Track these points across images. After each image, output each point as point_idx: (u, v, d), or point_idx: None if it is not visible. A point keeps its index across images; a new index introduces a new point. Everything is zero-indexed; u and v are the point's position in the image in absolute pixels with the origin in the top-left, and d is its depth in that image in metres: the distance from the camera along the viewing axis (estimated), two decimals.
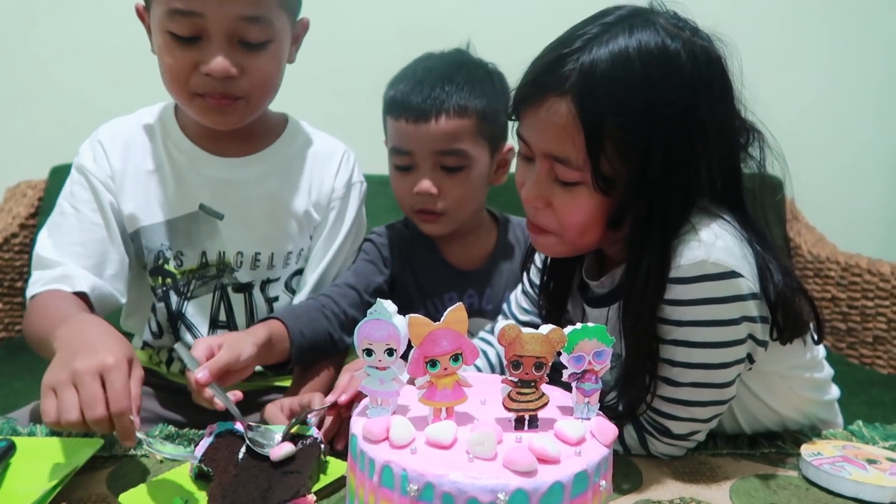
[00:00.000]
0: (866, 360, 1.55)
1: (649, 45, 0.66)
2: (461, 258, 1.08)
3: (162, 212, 0.96)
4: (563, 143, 0.69)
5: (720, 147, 0.70)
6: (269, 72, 0.89)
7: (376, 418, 0.52)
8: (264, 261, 0.99)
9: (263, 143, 0.99)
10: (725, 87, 0.71)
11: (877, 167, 2.04)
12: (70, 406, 0.60)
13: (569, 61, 0.68)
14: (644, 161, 0.66)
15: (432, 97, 0.95)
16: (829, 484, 0.69)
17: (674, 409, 0.72)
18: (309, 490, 0.61)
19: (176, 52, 0.85)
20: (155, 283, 0.98)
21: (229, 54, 0.84)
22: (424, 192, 0.98)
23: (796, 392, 0.81)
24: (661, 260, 0.68)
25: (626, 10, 0.70)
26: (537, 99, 0.70)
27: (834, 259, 1.63)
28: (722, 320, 0.68)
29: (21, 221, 1.70)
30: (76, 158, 0.97)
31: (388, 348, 0.53)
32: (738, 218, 0.72)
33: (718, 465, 0.74)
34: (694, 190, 0.69)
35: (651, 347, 0.70)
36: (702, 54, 0.68)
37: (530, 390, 0.52)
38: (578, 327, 0.54)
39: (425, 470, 0.47)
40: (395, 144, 1.00)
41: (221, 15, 0.82)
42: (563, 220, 0.73)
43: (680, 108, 0.66)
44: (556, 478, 0.47)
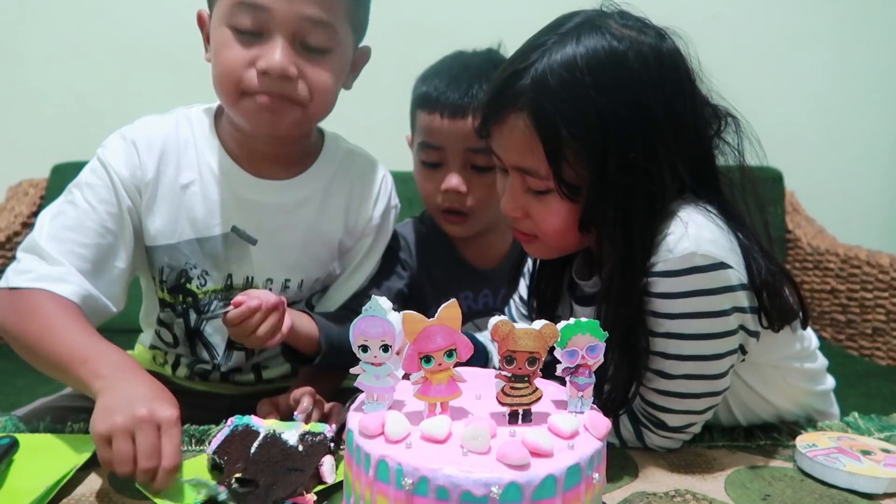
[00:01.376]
0: (865, 352, 1.56)
1: (596, 50, 0.67)
2: (478, 257, 1.08)
3: (191, 230, 0.91)
4: (526, 156, 0.71)
5: (683, 142, 0.70)
6: (327, 82, 0.85)
7: (372, 413, 0.53)
8: (293, 287, 0.96)
9: (303, 165, 0.95)
10: (679, 82, 0.70)
11: (877, 160, 2.04)
12: (124, 458, 0.61)
13: (524, 76, 0.69)
14: (602, 166, 0.68)
15: (470, 94, 0.96)
16: (824, 475, 0.70)
17: (668, 401, 0.73)
18: (310, 489, 0.61)
19: (235, 46, 0.82)
20: (174, 300, 0.95)
21: (289, 54, 0.81)
22: (453, 189, 0.98)
23: (790, 383, 0.81)
24: (626, 259, 0.69)
25: (580, 18, 0.71)
26: (499, 117, 0.72)
27: (833, 251, 1.64)
28: (712, 311, 0.69)
29: (23, 220, 1.71)
30: (100, 151, 0.89)
31: (384, 344, 0.53)
32: (718, 207, 0.72)
33: (714, 457, 0.75)
34: (659, 189, 0.69)
35: (628, 344, 0.70)
36: (650, 52, 0.68)
37: (524, 385, 0.53)
38: (572, 322, 0.55)
39: (420, 464, 0.48)
40: (425, 139, 1.00)
41: (288, 11, 0.80)
42: (540, 226, 0.75)
43: (631, 111, 0.67)
44: (549, 471, 0.48)
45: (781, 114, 1.98)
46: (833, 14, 1.97)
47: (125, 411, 0.62)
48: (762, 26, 1.96)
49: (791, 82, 1.99)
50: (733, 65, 1.95)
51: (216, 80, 0.85)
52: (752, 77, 1.96)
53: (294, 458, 0.64)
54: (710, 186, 0.74)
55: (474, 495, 0.47)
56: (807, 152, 1.98)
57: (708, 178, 0.74)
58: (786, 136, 1.97)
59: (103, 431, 0.61)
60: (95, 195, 0.86)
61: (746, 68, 1.95)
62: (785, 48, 1.98)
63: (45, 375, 0.79)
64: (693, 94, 0.72)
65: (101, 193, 0.86)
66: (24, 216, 1.72)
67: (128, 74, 1.89)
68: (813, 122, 2.01)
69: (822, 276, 1.66)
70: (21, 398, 1.18)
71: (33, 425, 0.78)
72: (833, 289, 1.63)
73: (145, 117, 0.94)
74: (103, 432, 0.61)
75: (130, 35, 1.88)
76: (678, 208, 0.70)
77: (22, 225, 1.70)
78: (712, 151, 0.75)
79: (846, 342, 1.61)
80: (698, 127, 0.73)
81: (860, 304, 1.57)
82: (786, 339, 0.76)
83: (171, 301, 0.95)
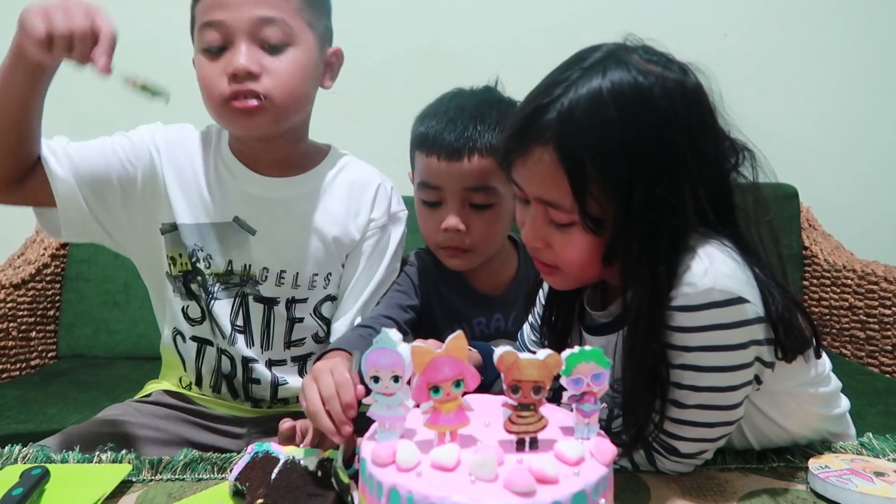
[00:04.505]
0: (886, 369, 1.54)
1: (622, 85, 0.67)
2: (487, 284, 1.11)
3: (198, 214, 1.02)
4: (551, 189, 0.71)
5: (706, 177, 0.70)
6: (289, 74, 0.95)
7: (384, 442, 0.55)
8: (289, 279, 1.04)
9: (303, 168, 1.06)
10: (703, 117, 0.71)
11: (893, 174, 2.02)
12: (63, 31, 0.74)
13: (549, 110, 0.69)
14: (627, 200, 0.68)
15: (465, 136, 0.98)
16: (836, 496, 0.70)
17: (681, 429, 0.73)
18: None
19: (209, 64, 0.94)
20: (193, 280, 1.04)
21: (250, 53, 0.92)
22: (452, 228, 1.01)
23: (805, 409, 0.81)
24: (652, 294, 0.69)
25: (602, 52, 0.71)
26: (523, 150, 0.72)
27: (851, 267, 1.63)
28: (730, 345, 0.69)
29: (52, 252, 1.76)
30: (143, 127, 1.05)
31: (394, 375, 0.55)
32: (735, 241, 0.72)
33: (727, 480, 0.75)
34: (682, 224, 0.69)
35: (652, 376, 0.70)
36: (675, 88, 0.68)
37: (529, 413, 0.54)
38: (576, 351, 0.56)
39: (429, 492, 0.49)
40: (424, 179, 1.03)
41: (241, 17, 0.92)
42: (562, 258, 0.75)
43: (657, 146, 0.67)
44: (555, 498, 0.49)
45: (795, 130, 1.98)
46: (845, 29, 1.97)
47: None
48: (773, 43, 1.97)
49: (804, 98, 1.99)
50: (745, 83, 1.97)
51: (204, 100, 0.98)
52: (764, 94, 1.97)
53: (314, 483, 0.66)
54: (727, 220, 0.74)
55: None
56: (822, 168, 1.97)
57: (726, 212, 0.75)
58: (800, 152, 1.97)
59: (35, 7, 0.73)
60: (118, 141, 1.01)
61: (758, 86, 1.96)
62: (797, 64, 1.98)
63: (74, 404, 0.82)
64: (714, 128, 0.72)
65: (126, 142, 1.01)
66: (53, 248, 1.77)
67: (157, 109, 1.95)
68: (828, 138, 2.00)
69: (839, 292, 1.65)
70: (52, 426, 1.22)
71: (63, 455, 0.81)
72: (851, 305, 1.61)
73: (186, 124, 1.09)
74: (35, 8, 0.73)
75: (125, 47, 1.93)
76: (696, 243, 0.70)
77: (51, 257, 1.75)
78: (731, 185, 0.75)
79: (867, 359, 1.59)
80: (719, 161, 0.73)
81: (879, 321, 1.55)
82: (800, 367, 0.76)
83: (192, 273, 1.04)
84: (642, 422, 0.72)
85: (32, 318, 1.68)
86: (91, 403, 1.32)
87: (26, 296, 1.67)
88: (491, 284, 1.11)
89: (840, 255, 1.70)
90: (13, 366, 1.65)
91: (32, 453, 0.81)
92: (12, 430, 1.27)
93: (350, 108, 1.79)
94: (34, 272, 1.70)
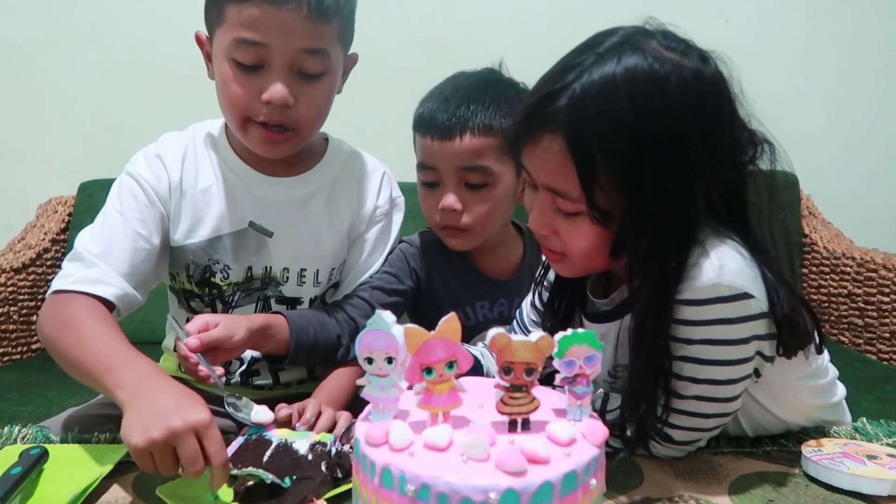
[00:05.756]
0: (884, 356, 1.55)
1: (636, 72, 0.65)
2: (492, 268, 1.11)
3: (212, 228, 0.99)
4: (559, 178, 0.69)
5: (719, 172, 0.68)
6: (321, 103, 0.94)
7: (377, 423, 0.55)
8: (310, 277, 1.03)
9: (308, 164, 1.04)
10: (720, 109, 0.68)
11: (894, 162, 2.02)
12: (169, 467, 0.64)
13: (560, 97, 0.67)
14: (637, 194, 0.66)
15: (457, 115, 0.98)
16: (828, 478, 0.70)
17: (677, 419, 0.73)
18: (320, 496, 0.64)
19: (239, 79, 0.89)
20: (202, 293, 1.02)
21: (288, 83, 0.88)
22: (449, 207, 1.01)
23: (801, 400, 0.81)
24: (660, 289, 0.67)
25: (619, 37, 0.68)
26: (533, 137, 0.70)
27: (850, 255, 1.63)
28: (732, 340, 0.69)
29: (53, 237, 1.77)
30: (128, 167, 0.99)
31: (388, 357, 0.56)
32: (743, 237, 0.71)
33: (720, 464, 0.76)
34: (692, 219, 0.67)
35: (657, 368, 0.70)
36: (692, 77, 0.65)
37: (521, 394, 0.55)
38: (569, 333, 0.56)
39: (422, 471, 0.50)
40: (421, 160, 1.04)
41: (285, 46, 0.87)
42: (568, 246, 0.74)
43: (669, 138, 0.64)
44: (546, 477, 0.49)
45: (797, 118, 1.97)
46: (847, 17, 1.97)
47: (160, 425, 0.63)
48: (775, 31, 1.96)
49: (807, 86, 1.99)
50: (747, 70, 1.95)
51: (223, 107, 0.94)
52: (766, 82, 1.94)
53: (304, 466, 0.67)
54: (738, 216, 0.73)
55: (473, 501, 0.48)
56: (823, 156, 1.97)
57: (738, 208, 0.73)
58: (802, 141, 1.95)
59: (142, 446, 0.63)
60: (126, 205, 0.96)
61: (760, 73, 1.94)
62: (799, 52, 1.98)
63: (74, 387, 0.83)
64: (732, 121, 0.69)
65: (131, 203, 0.96)
66: (54, 233, 1.78)
67: (151, 96, 1.96)
68: (829, 126, 2.00)
69: (838, 280, 1.65)
70: (52, 408, 1.24)
71: (63, 436, 0.82)
72: (850, 293, 1.61)
73: (166, 134, 1.04)
74: (142, 447, 0.63)
75: (152, 58, 1.95)
76: (705, 237, 0.69)
77: (51, 241, 1.76)
78: (745, 180, 0.72)
79: (864, 346, 1.59)
80: (735, 155, 0.70)
81: (877, 308, 1.55)
82: (800, 362, 0.76)
83: (199, 293, 1.02)
84: (646, 414, 0.71)
85: (33, 301, 1.69)
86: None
87: (27, 280, 1.67)
88: (497, 269, 1.11)
89: (839, 243, 1.71)
90: (14, 349, 1.66)
91: (32, 434, 0.82)
92: (13, 412, 1.28)
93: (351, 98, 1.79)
94: (34, 257, 1.71)
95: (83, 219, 1.78)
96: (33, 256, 1.70)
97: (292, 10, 0.85)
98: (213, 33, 0.92)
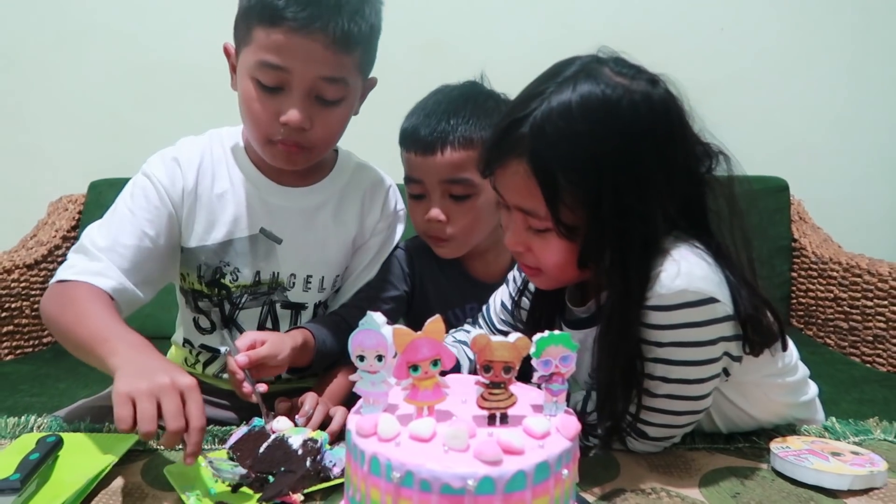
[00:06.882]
0: (867, 359, 1.58)
1: (590, 98, 0.70)
2: (482, 272, 1.15)
3: (226, 231, 1.03)
4: (526, 198, 0.75)
5: (674, 185, 0.73)
6: (336, 127, 0.99)
7: (368, 415, 0.60)
8: (315, 283, 1.08)
9: (319, 176, 1.08)
10: (670, 127, 0.73)
11: (885, 168, 2.05)
12: (149, 417, 0.65)
13: (523, 124, 0.73)
14: (597, 209, 0.71)
15: (438, 130, 1.02)
16: (793, 473, 0.74)
17: (651, 416, 0.78)
18: (297, 490, 0.68)
19: (261, 99, 0.93)
20: (211, 293, 1.06)
21: (305, 108, 0.92)
22: (434, 218, 1.06)
23: (771, 397, 0.85)
24: (624, 297, 0.72)
25: (576, 66, 0.74)
26: (501, 162, 0.76)
27: (837, 259, 1.67)
28: (700, 342, 0.73)
29: (63, 234, 1.82)
30: (144, 167, 1.02)
31: (378, 354, 0.60)
32: (707, 243, 0.76)
33: (693, 459, 0.80)
34: (652, 231, 0.72)
35: (625, 369, 0.74)
36: (642, 100, 0.71)
37: (500, 391, 0.59)
38: (545, 335, 0.61)
39: (406, 460, 0.54)
40: (407, 174, 1.09)
41: (306, 73, 0.91)
42: (541, 261, 0.79)
43: (625, 157, 0.70)
44: (520, 467, 0.54)
45: (790, 124, 2.01)
46: (839, 24, 2.00)
47: (147, 377, 0.67)
48: (768, 38, 1.99)
49: (798, 93, 2.02)
50: (740, 77, 2.00)
51: (246, 123, 0.98)
52: (759, 88, 2.00)
53: (293, 460, 0.71)
54: (700, 224, 0.78)
55: (452, 487, 0.53)
56: (815, 161, 2.01)
57: (698, 217, 0.78)
58: (794, 146, 2.00)
59: (125, 391, 0.66)
60: (137, 204, 0.99)
61: (753, 80, 1.99)
62: (792, 59, 2.01)
63: (84, 379, 0.87)
64: (684, 137, 0.75)
65: (142, 203, 0.99)
66: (64, 230, 1.83)
67: (160, 97, 2.00)
68: (821, 132, 2.03)
69: (825, 284, 1.69)
70: (63, 400, 1.28)
71: (75, 425, 0.87)
72: (836, 297, 1.65)
73: (184, 139, 1.07)
74: (125, 392, 0.66)
75: (161, 59, 1.99)
76: (670, 246, 0.74)
77: (62, 238, 1.81)
78: (703, 190, 0.77)
79: (849, 349, 1.63)
80: (690, 167, 0.76)
81: (861, 312, 1.59)
82: (766, 360, 0.80)
83: (208, 293, 1.07)
84: (619, 414, 0.76)
85: None
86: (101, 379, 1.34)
87: (39, 276, 1.73)
88: (486, 273, 1.15)
89: (827, 248, 1.74)
90: (27, 342, 1.71)
91: (47, 423, 0.87)
92: (27, 403, 1.33)
93: None
94: (46, 253, 1.76)
95: (93, 216, 1.78)
96: (45, 253, 1.75)
97: (317, 39, 0.88)
98: (240, 50, 0.95)
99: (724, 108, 1.90)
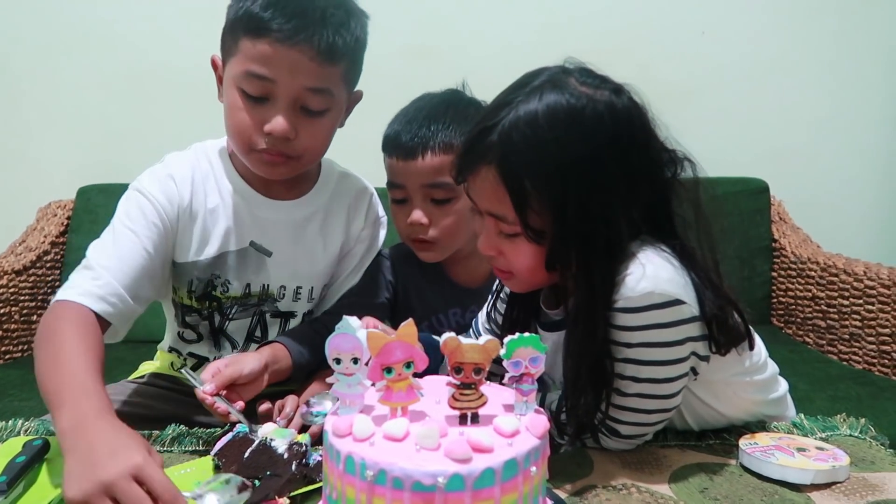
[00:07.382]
0: (843, 357, 1.62)
1: (555, 108, 0.73)
2: (464, 277, 1.18)
3: (218, 245, 1.05)
4: (496, 204, 0.78)
5: (638, 192, 0.76)
6: (321, 138, 1.00)
7: (344, 416, 0.62)
8: (304, 294, 1.11)
9: (305, 188, 1.10)
10: (633, 135, 0.76)
11: (865, 169, 2.09)
12: None
13: (492, 133, 0.75)
14: (563, 214, 0.74)
15: (419, 135, 1.05)
16: (760, 468, 0.77)
17: (622, 414, 0.80)
18: (283, 494, 0.69)
19: (246, 108, 0.94)
20: (202, 306, 1.08)
21: (290, 118, 0.94)
22: (416, 222, 1.08)
23: (740, 395, 0.88)
24: (589, 299, 0.75)
25: (544, 76, 0.77)
26: (472, 169, 0.79)
27: (815, 259, 1.70)
28: (667, 342, 0.76)
29: (52, 239, 1.83)
30: (138, 185, 1.02)
31: (354, 357, 0.62)
32: (672, 246, 0.78)
33: (665, 455, 0.83)
34: (615, 236, 0.75)
35: (596, 370, 0.77)
36: (605, 109, 0.74)
37: (471, 391, 0.61)
38: (515, 337, 0.63)
39: (379, 459, 0.56)
40: (390, 179, 1.11)
41: (291, 83, 0.92)
42: (513, 265, 0.82)
43: (588, 164, 0.73)
44: (488, 464, 0.56)
45: (770, 126, 2.04)
46: (818, 27, 2.03)
47: (93, 475, 0.62)
48: (749, 41, 2.02)
49: (779, 95, 2.05)
50: (722, 80, 2.03)
51: (229, 132, 0.99)
52: (739, 92, 2.03)
53: (278, 465, 0.72)
54: (665, 228, 0.80)
55: (424, 484, 0.55)
56: (795, 163, 2.04)
57: (664, 221, 0.80)
58: (774, 148, 2.03)
59: (78, 499, 0.62)
60: (136, 222, 0.99)
61: (733, 83, 2.02)
62: (772, 61, 2.04)
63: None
64: (648, 144, 0.77)
65: (141, 220, 0.99)
66: (53, 236, 1.84)
67: (149, 103, 2.02)
68: (801, 134, 2.06)
69: (804, 283, 1.72)
70: None
71: None
72: (814, 296, 1.69)
73: (170, 154, 1.07)
74: (78, 499, 0.62)
75: (150, 66, 2.01)
76: (637, 249, 0.76)
77: (51, 244, 1.82)
78: (669, 195, 0.80)
79: (827, 347, 1.66)
80: (654, 174, 0.78)
81: (838, 311, 1.63)
82: (734, 359, 0.83)
83: (198, 307, 1.08)
84: (588, 411, 0.78)
85: (33, 302, 1.75)
86: None
87: (27, 281, 1.74)
88: (468, 278, 1.18)
89: (806, 248, 1.78)
90: (15, 348, 1.72)
91: (34, 426, 0.88)
92: (15, 408, 1.34)
93: None
94: (35, 259, 1.77)
95: (81, 222, 1.84)
96: (34, 259, 1.76)
97: (303, 50, 0.90)
98: (227, 61, 0.97)
99: (705, 110, 1.96)
